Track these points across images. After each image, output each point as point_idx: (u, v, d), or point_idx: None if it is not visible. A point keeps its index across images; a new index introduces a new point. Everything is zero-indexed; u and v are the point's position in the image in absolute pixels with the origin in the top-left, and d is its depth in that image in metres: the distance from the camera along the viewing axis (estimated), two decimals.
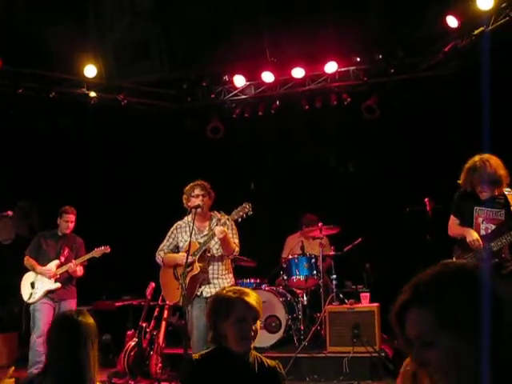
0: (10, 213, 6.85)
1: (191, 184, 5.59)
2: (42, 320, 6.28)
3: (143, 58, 7.21)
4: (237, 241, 5.53)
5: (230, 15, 7.04)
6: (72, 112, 8.38)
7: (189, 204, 5.51)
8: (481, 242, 4.79)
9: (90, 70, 7.61)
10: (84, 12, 6.94)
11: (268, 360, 2.92)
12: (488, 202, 4.85)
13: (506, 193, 4.86)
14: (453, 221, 5.12)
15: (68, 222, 6.63)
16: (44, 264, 6.51)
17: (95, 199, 8.59)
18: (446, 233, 5.19)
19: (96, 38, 7.22)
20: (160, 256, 5.65)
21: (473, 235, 4.85)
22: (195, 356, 2.89)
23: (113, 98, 8.24)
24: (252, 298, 2.85)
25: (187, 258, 5.12)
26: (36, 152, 8.29)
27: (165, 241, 5.72)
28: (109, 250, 6.53)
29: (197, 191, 5.50)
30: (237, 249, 5.46)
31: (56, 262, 6.52)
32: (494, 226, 4.84)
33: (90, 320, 2.78)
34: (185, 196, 5.59)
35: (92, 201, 8.49)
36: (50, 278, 6.41)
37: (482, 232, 4.88)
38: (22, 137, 8.14)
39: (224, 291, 2.95)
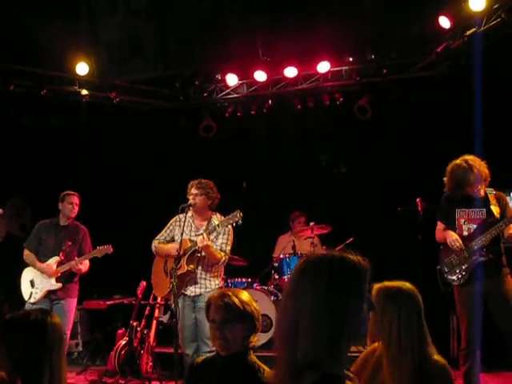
0: (0, 210, 6.77)
1: (191, 182, 5.60)
2: None
3: (136, 56, 7.19)
4: (228, 248, 5.47)
5: (224, 14, 7.03)
6: (64, 110, 8.33)
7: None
8: (460, 242, 4.84)
9: (83, 68, 7.55)
10: (77, 9, 6.91)
11: (266, 369, 2.80)
12: (469, 202, 4.90)
13: (487, 192, 4.92)
14: (439, 226, 5.17)
15: (73, 203, 6.19)
16: (43, 260, 6.08)
17: (87, 197, 8.53)
18: None
19: (89, 36, 7.18)
20: (154, 245, 5.67)
21: (452, 236, 4.90)
22: (198, 359, 3.00)
23: (105, 96, 8.20)
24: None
25: (178, 255, 5.12)
26: (27, 150, 8.24)
27: (163, 231, 5.73)
28: (111, 251, 6.11)
29: (192, 190, 5.51)
30: (223, 259, 5.40)
31: (56, 258, 6.06)
32: (475, 226, 4.88)
33: (57, 320, 2.55)
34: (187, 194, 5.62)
35: (84, 199, 8.44)
36: (50, 276, 5.96)
37: (465, 233, 4.93)
38: (12, 134, 8.09)
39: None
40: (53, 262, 6.07)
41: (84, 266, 6.11)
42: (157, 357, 6.78)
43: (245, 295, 2.84)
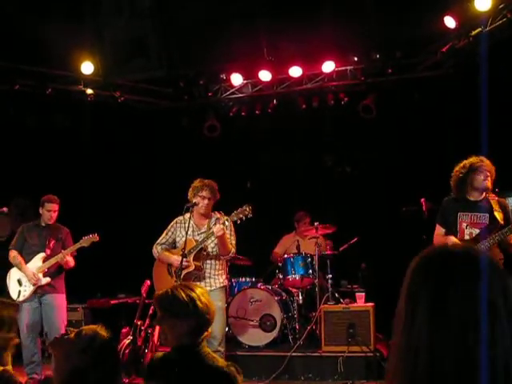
0: (5, 209, 6.80)
1: (201, 182, 5.55)
2: (26, 320, 6.03)
3: (141, 55, 7.19)
4: (234, 242, 5.54)
5: (228, 14, 7.03)
6: (68, 109, 8.34)
7: (192, 199, 5.52)
8: None
9: (87, 67, 7.56)
10: (82, 8, 6.92)
11: (220, 360, 2.81)
12: (473, 206, 4.88)
13: (489, 198, 4.90)
14: (438, 230, 5.10)
15: (51, 211, 6.30)
16: (29, 258, 6.25)
17: (91, 196, 8.57)
18: None
19: (93, 35, 7.20)
20: (157, 251, 5.67)
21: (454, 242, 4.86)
22: (158, 354, 3.01)
23: (110, 95, 8.21)
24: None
25: (182, 260, 5.12)
26: (32, 149, 8.26)
27: (163, 234, 5.73)
28: (98, 239, 6.24)
29: (205, 193, 5.48)
30: (233, 250, 5.47)
31: (42, 254, 6.24)
32: (477, 231, 4.85)
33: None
34: (191, 191, 5.58)
35: (87, 198, 8.47)
36: (34, 284, 6.10)
37: (467, 237, 4.89)
38: (17, 133, 8.11)
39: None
40: (39, 258, 6.23)
41: (70, 261, 6.25)
42: None
43: (197, 291, 2.84)
